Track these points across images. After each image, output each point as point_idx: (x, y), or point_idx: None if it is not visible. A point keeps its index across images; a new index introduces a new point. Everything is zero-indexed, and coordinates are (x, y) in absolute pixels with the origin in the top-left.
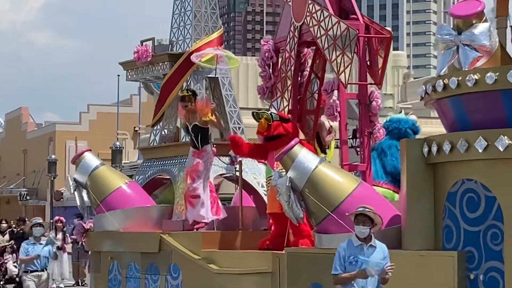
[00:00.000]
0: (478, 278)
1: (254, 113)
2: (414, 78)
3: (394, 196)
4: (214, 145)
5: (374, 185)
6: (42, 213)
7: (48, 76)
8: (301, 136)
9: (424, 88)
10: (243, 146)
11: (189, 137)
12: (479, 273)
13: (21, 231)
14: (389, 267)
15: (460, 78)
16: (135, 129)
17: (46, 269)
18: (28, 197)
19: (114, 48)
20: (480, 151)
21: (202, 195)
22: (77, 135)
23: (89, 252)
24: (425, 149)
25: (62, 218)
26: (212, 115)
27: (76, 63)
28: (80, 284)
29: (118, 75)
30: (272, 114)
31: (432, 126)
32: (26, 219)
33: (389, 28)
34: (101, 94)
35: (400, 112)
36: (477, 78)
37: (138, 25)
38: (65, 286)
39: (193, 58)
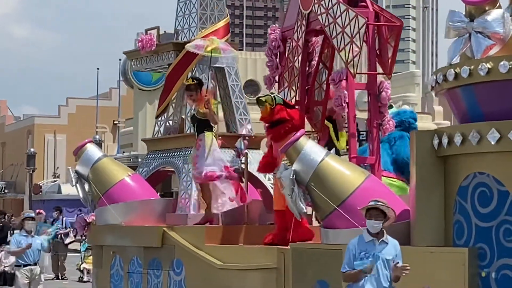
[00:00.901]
0: (490, 276)
1: (258, 98)
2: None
3: (406, 188)
4: (220, 137)
5: (384, 176)
6: (21, 206)
7: (27, 69)
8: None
9: (435, 78)
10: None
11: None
12: (491, 271)
13: (1, 224)
14: (405, 268)
15: (472, 67)
16: (114, 122)
17: (37, 263)
18: (6, 191)
19: (94, 41)
20: (492, 143)
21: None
22: (56, 128)
23: (68, 246)
24: (435, 141)
25: (41, 211)
26: (205, 107)
27: (55, 56)
28: (60, 277)
29: (98, 68)
30: (276, 97)
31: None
32: (6, 213)
33: None
34: (80, 87)
35: (391, 106)
36: (490, 67)
37: (118, 17)
38: (45, 280)
39: (190, 48)
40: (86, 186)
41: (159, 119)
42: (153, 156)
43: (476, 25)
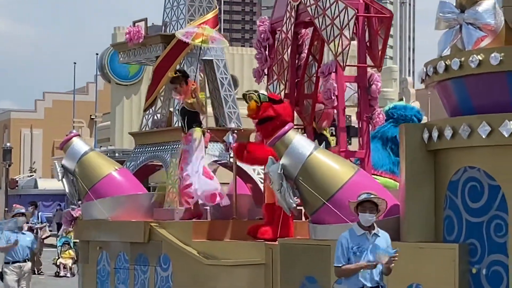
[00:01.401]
0: (480, 272)
1: (244, 94)
2: None
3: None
4: (208, 131)
5: (375, 175)
6: None
7: (3, 63)
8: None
9: (425, 70)
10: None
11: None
12: (482, 267)
13: None
14: (393, 258)
15: (462, 59)
16: (91, 117)
17: (28, 260)
18: None
19: (71, 35)
20: (483, 137)
21: (192, 178)
22: (32, 123)
23: (44, 241)
24: (425, 135)
25: (18, 205)
26: (193, 97)
27: (32, 50)
28: (36, 272)
29: (75, 63)
30: (260, 95)
31: None
32: None
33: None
34: (57, 82)
35: (401, 99)
36: (481, 58)
37: (96, 11)
38: None
39: (179, 35)
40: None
41: (147, 112)
42: (140, 150)
43: (467, 16)
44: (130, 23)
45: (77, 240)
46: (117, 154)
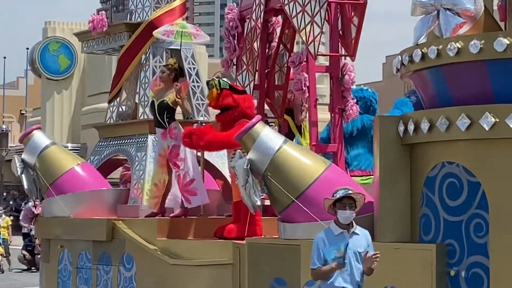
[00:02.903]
0: (459, 274)
1: (208, 81)
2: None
3: None
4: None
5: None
6: None
7: None
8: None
9: (400, 59)
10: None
11: (153, 114)
12: (461, 269)
13: None
14: (375, 256)
15: (440, 46)
16: (22, 112)
17: None
18: None
19: (1, 30)
20: (462, 130)
21: (192, 175)
22: None
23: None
24: (401, 128)
25: None
26: (178, 97)
27: None
28: None
29: (4, 57)
30: (221, 81)
31: None
32: None
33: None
34: None
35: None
36: (459, 46)
37: (26, 5)
38: None
39: (158, 35)
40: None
41: (111, 104)
42: (104, 143)
43: (445, 1)
44: (61, 17)
45: (5, 237)
46: None
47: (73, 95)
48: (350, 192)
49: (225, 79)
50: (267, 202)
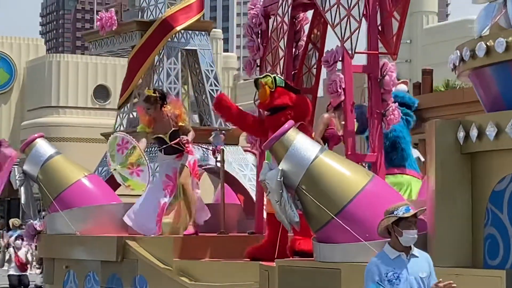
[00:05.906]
0: None
1: (256, 79)
2: (244, 80)
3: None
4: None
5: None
6: None
7: None
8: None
9: (459, 54)
10: (232, 108)
11: (162, 146)
12: None
13: None
14: (449, 285)
15: (509, 39)
16: None
17: None
18: None
19: None
20: None
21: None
22: None
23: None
24: (461, 134)
25: None
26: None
27: None
28: None
29: None
30: (276, 77)
31: None
32: None
33: (219, 30)
34: None
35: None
36: None
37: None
38: None
39: None
40: (34, 189)
41: (122, 110)
42: None
43: None
44: (0, 31)
45: None
46: None
47: (12, 109)
48: (415, 211)
49: (280, 76)
50: None
